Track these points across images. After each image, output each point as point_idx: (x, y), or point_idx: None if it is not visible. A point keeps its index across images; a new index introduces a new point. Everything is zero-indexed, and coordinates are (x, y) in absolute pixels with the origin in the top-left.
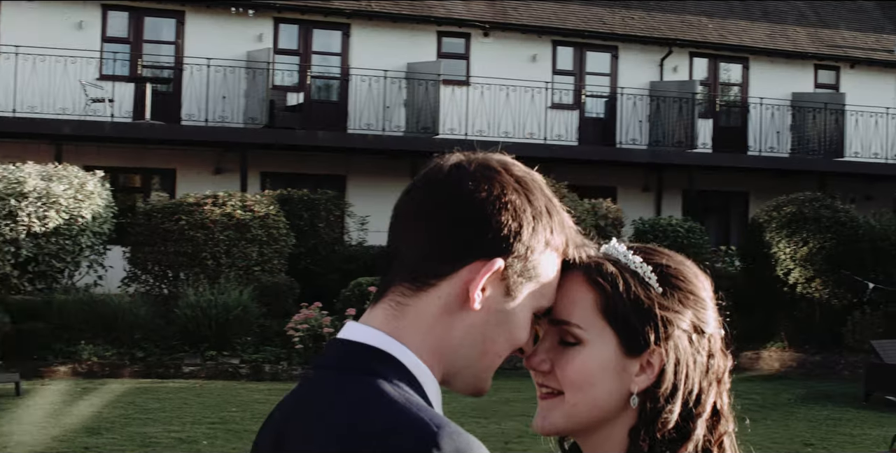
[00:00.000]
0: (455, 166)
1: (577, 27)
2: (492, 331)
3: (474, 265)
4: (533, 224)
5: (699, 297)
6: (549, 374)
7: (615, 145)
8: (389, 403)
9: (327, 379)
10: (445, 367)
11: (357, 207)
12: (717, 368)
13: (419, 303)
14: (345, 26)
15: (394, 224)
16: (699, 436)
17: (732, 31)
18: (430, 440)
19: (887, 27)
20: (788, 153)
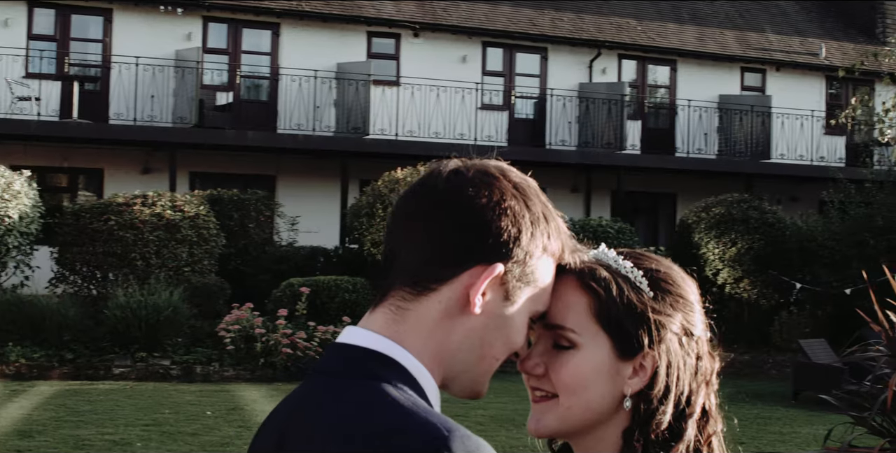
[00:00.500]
0: (454, 172)
1: (506, 28)
2: (491, 335)
3: (475, 270)
4: (531, 229)
5: (688, 301)
6: (542, 378)
7: (545, 146)
8: (396, 406)
9: (330, 382)
10: (445, 371)
11: (287, 207)
12: (705, 370)
13: (420, 307)
14: (275, 26)
15: (392, 228)
16: (690, 437)
17: (660, 33)
18: (442, 443)
19: (812, 31)
20: (716, 155)
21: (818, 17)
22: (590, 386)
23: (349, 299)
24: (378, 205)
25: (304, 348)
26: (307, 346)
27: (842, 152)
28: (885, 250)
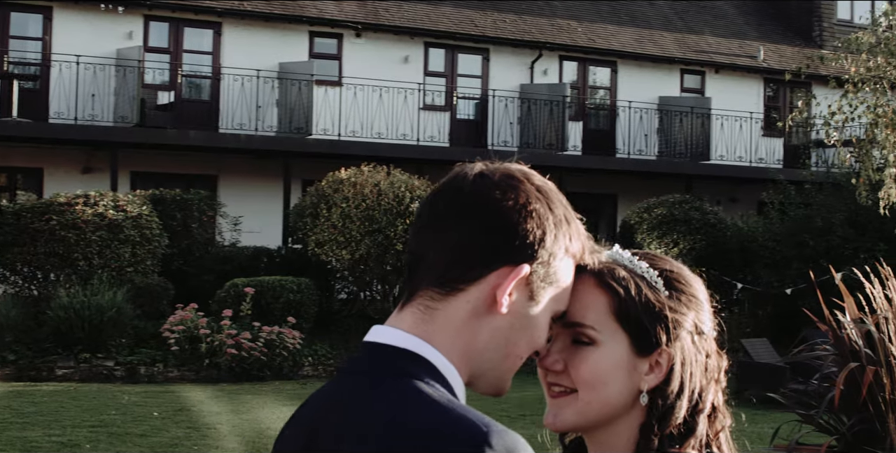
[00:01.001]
0: (479, 175)
1: (448, 29)
2: (516, 334)
3: (502, 270)
4: (555, 231)
5: (699, 300)
6: (561, 374)
7: (486, 147)
8: (433, 403)
9: (362, 380)
10: (471, 369)
11: (229, 208)
12: (714, 367)
13: (448, 307)
14: (216, 25)
15: (418, 229)
16: (702, 432)
17: (601, 35)
18: (482, 438)
19: (750, 33)
20: (656, 156)
21: (756, 19)
22: (608, 382)
23: (294, 299)
24: (322, 205)
25: (250, 349)
26: (252, 347)
27: (780, 154)
28: (824, 251)
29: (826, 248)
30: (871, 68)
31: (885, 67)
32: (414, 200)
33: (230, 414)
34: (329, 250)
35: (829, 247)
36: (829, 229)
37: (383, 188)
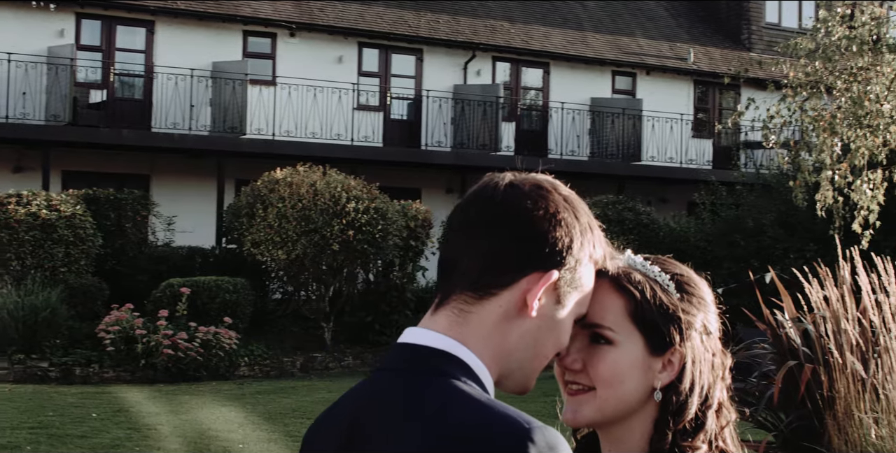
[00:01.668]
0: (510, 185)
1: (382, 29)
2: (543, 335)
3: (532, 276)
4: (581, 239)
5: (706, 301)
6: (579, 372)
7: (420, 147)
8: (474, 401)
9: (402, 379)
10: (501, 369)
11: (163, 207)
12: (720, 365)
13: (482, 310)
14: (149, 23)
15: (450, 236)
16: (711, 426)
17: (534, 36)
18: (525, 434)
19: (681, 36)
20: (588, 157)
21: (687, 22)
22: (625, 380)
23: (230, 299)
24: (258, 205)
25: (186, 349)
26: (188, 347)
27: (710, 155)
28: (754, 251)
29: (757, 248)
30: (810, 73)
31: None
32: (350, 200)
33: (169, 414)
34: (265, 250)
35: (760, 247)
36: (760, 229)
37: (319, 188)
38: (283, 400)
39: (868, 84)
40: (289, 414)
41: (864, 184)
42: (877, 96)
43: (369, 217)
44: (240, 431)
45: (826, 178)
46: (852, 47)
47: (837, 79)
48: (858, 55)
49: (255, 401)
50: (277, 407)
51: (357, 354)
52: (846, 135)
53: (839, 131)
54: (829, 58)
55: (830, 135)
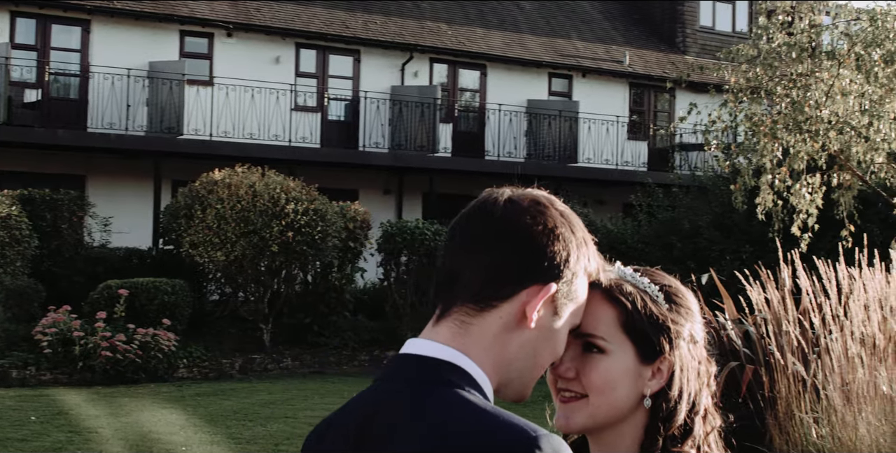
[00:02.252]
0: (509, 201)
1: (319, 30)
2: (541, 346)
3: (532, 289)
4: (577, 253)
5: (692, 311)
6: (572, 380)
7: (358, 148)
8: (481, 409)
9: (407, 390)
10: (500, 378)
11: (99, 208)
12: (705, 372)
13: (483, 322)
14: (85, 22)
15: (451, 249)
16: (698, 432)
17: (471, 38)
18: (532, 442)
19: (616, 39)
20: (525, 158)
21: (622, 25)
22: (617, 388)
23: (168, 301)
24: (197, 206)
25: (124, 351)
26: (127, 349)
27: (645, 157)
28: (691, 252)
29: (693, 250)
30: (751, 79)
31: (763, 78)
32: (289, 202)
33: (110, 417)
34: (204, 251)
35: (696, 248)
36: (696, 231)
37: (258, 189)
38: (223, 402)
39: (808, 90)
40: (230, 416)
41: (803, 188)
42: (816, 102)
43: (308, 218)
44: (182, 433)
45: (766, 182)
46: (792, 54)
47: (777, 85)
48: (798, 62)
49: (195, 403)
50: (218, 409)
51: (296, 355)
52: (786, 140)
53: (780, 136)
54: (770, 64)
55: (771, 140)
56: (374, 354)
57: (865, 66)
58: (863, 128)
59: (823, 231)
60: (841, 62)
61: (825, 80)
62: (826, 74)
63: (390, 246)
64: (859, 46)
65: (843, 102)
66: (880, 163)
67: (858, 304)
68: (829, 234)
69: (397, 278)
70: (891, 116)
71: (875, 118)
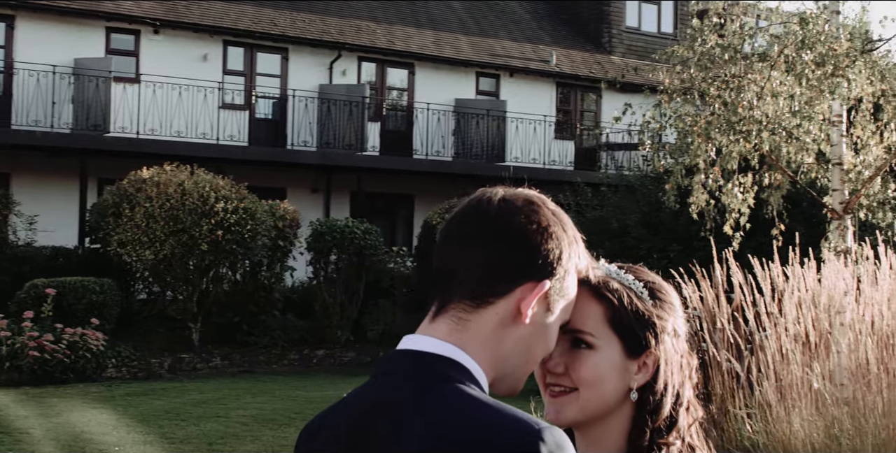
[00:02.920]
0: (503, 200)
1: (248, 28)
2: (535, 341)
3: (527, 286)
4: (568, 250)
5: (674, 306)
6: (562, 375)
7: (286, 147)
8: (484, 403)
9: (408, 384)
10: (495, 373)
11: (24, 206)
12: (687, 365)
13: (479, 318)
14: (9, 18)
15: (445, 247)
16: (683, 424)
17: (399, 37)
18: (536, 434)
19: (543, 38)
20: (452, 157)
21: (549, 25)
22: (605, 382)
23: (97, 300)
24: (125, 204)
25: (53, 351)
26: (55, 349)
27: (572, 156)
28: (619, 251)
29: (621, 249)
30: (685, 80)
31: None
32: (219, 200)
33: (40, 417)
34: (132, 250)
35: (625, 247)
36: (624, 230)
37: (188, 188)
38: (154, 401)
39: (741, 91)
40: (162, 416)
41: (735, 187)
42: (749, 103)
43: (238, 217)
44: (114, 434)
45: (699, 182)
46: (725, 56)
47: (710, 86)
48: (731, 63)
49: (126, 403)
50: (150, 409)
51: (225, 355)
52: (719, 141)
53: (714, 137)
54: (704, 66)
55: (705, 140)
56: (304, 353)
57: (796, 69)
58: (794, 128)
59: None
60: (773, 64)
61: (757, 81)
62: (758, 76)
63: (320, 245)
64: (791, 49)
65: (773, 103)
66: (810, 164)
67: (792, 302)
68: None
69: (327, 277)
70: (820, 118)
71: (805, 119)
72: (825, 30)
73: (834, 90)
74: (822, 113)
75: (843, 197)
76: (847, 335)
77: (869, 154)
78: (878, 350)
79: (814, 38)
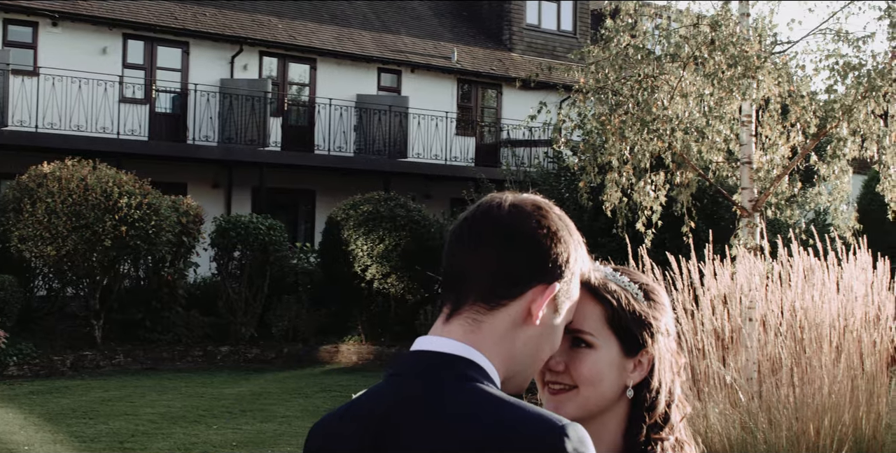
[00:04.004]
0: (513, 206)
1: (148, 21)
2: (543, 341)
3: (538, 288)
4: (575, 254)
5: (665, 307)
6: (562, 373)
7: (187, 141)
8: (507, 401)
9: (432, 384)
10: (506, 372)
11: None
12: (676, 363)
13: (493, 319)
14: None
15: (456, 251)
16: (675, 419)
17: (301, 32)
18: (561, 430)
19: (445, 35)
20: (354, 153)
21: (451, 21)
22: (604, 379)
23: None
24: (26, 200)
25: None
26: None
27: (473, 152)
28: None
29: None
30: (599, 79)
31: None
32: (123, 196)
33: None
34: (33, 246)
35: None
36: None
37: (90, 183)
38: (59, 400)
39: (654, 91)
40: (69, 415)
41: (647, 185)
42: (663, 103)
43: (142, 213)
44: (22, 433)
45: (613, 180)
46: (637, 56)
47: (623, 85)
48: (645, 63)
49: (30, 402)
50: (56, 408)
51: (128, 352)
52: (633, 140)
53: (628, 135)
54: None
55: (619, 139)
56: (208, 349)
57: (707, 69)
58: (706, 128)
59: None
60: (685, 64)
61: (669, 81)
62: (672, 77)
63: (224, 240)
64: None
65: (682, 103)
66: (719, 163)
67: (707, 298)
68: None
69: (231, 273)
70: (729, 118)
71: (717, 119)
72: (736, 32)
73: (745, 91)
74: (731, 113)
75: (752, 195)
76: (756, 330)
77: (776, 153)
78: (790, 345)
79: (726, 40)
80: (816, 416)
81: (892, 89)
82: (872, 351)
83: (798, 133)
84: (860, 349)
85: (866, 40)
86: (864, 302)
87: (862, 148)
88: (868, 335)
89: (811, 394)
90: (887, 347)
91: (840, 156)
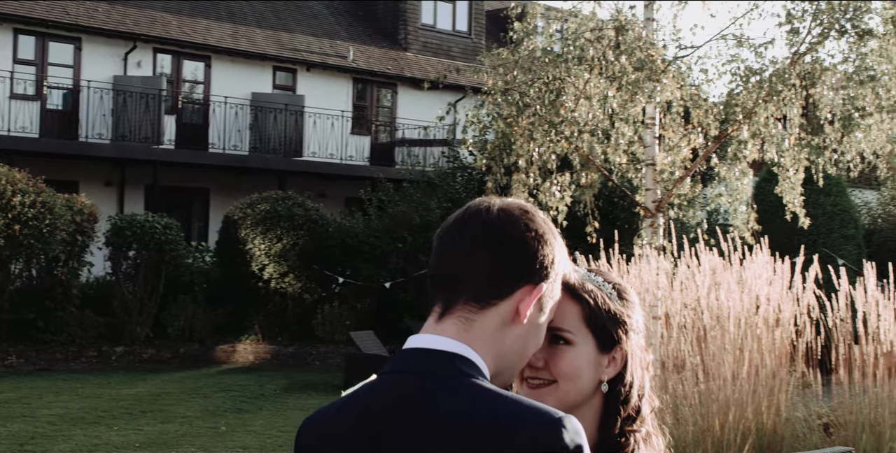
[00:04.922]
0: (502, 210)
1: (39, 16)
2: (529, 339)
3: (525, 288)
4: (558, 256)
5: (636, 305)
6: (541, 369)
7: (79, 139)
8: (503, 396)
9: (429, 380)
10: (495, 369)
11: None
12: (646, 359)
13: (484, 318)
14: None
15: (448, 253)
16: (646, 412)
17: (196, 29)
18: (558, 422)
19: (341, 34)
20: (250, 151)
21: (347, 20)
22: (582, 375)
23: None
24: None
25: None
26: None
27: (368, 151)
28: (421, 246)
29: (423, 243)
30: (508, 82)
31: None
32: (16, 194)
33: None
34: None
35: (428, 241)
36: (427, 225)
37: None
38: None
39: (560, 94)
40: None
41: (552, 185)
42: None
43: (36, 211)
44: None
45: (520, 181)
46: (545, 59)
47: (530, 87)
48: (552, 66)
49: None
50: None
51: (21, 352)
52: (541, 141)
53: (536, 137)
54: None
55: (528, 140)
56: (103, 350)
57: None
58: (611, 131)
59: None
60: (591, 67)
61: (576, 84)
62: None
63: (119, 239)
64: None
65: (587, 105)
66: (623, 164)
67: None
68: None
69: (125, 272)
70: (633, 121)
71: (622, 122)
72: (642, 36)
73: (651, 94)
74: (635, 115)
75: (655, 195)
76: (658, 328)
77: (678, 155)
78: (695, 343)
79: (633, 45)
80: (721, 411)
81: (791, 94)
82: (773, 348)
83: (699, 135)
84: (761, 346)
85: (767, 46)
86: (765, 300)
87: (762, 150)
88: (769, 332)
89: (716, 390)
90: (786, 344)
91: (741, 159)
